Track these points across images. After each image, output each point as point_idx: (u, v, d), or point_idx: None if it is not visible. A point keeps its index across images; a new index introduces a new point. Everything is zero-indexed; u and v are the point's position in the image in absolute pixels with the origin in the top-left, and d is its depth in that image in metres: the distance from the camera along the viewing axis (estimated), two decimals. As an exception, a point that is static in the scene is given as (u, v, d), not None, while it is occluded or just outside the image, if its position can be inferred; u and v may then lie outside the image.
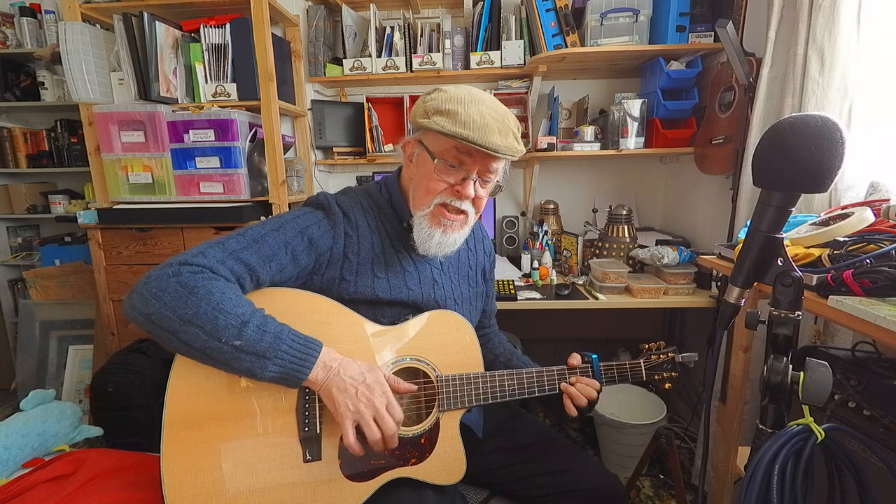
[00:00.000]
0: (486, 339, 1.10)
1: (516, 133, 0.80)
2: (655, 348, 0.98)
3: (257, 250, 0.75)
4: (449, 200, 0.82)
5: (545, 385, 0.91)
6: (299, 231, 0.80)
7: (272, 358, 0.67)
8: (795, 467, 0.55)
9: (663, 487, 1.59)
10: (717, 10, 1.65)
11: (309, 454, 0.75)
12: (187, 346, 0.66)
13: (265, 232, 0.78)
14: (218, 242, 0.75)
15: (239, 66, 1.60)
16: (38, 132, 2.21)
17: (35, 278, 1.95)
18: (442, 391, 0.85)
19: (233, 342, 0.66)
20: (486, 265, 1.06)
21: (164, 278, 0.67)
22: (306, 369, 0.70)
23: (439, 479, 0.83)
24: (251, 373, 0.67)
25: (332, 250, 0.82)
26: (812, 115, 0.53)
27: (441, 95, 0.79)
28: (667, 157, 2.05)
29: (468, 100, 0.77)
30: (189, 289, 0.66)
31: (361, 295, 0.83)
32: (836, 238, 0.83)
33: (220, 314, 0.65)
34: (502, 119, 0.78)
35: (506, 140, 0.76)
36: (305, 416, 0.76)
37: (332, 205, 0.85)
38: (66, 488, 0.86)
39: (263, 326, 0.68)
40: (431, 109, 0.78)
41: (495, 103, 0.80)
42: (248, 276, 0.74)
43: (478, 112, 0.76)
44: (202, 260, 0.70)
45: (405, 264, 0.88)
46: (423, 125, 0.78)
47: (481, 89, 0.84)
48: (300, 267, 0.80)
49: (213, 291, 0.67)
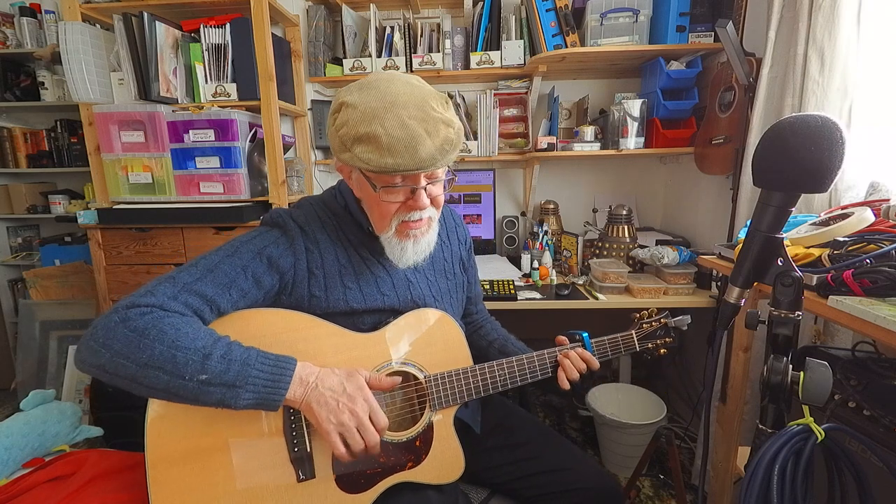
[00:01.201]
0: (478, 325, 1.09)
1: (446, 117, 0.72)
2: (647, 316, 0.98)
3: (212, 280, 0.72)
4: (407, 217, 0.78)
5: (537, 370, 0.91)
6: (256, 252, 0.77)
7: (243, 386, 0.64)
8: (795, 467, 0.55)
9: (663, 487, 1.59)
10: (717, 10, 1.64)
11: (302, 473, 0.74)
12: (150, 390, 0.64)
13: (219, 259, 0.74)
14: (168, 278, 0.71)
15: (239, 66, 1.60)
16: (38, 132, 2.21)
17: (35, 278, 1.95)
18: (432, 391, 0.84)
19: (198, 377, 0.62)
20: (462, 254, 1.03)
21: (110, 326, 0.63)
22: (282, 390, 0.67)
23: (438, 479, 0.83)
24: (224, 404, 0.64)
25: (296, 267, 0.79)
26: (812, 115, 0.53)
27: (352, 115, 0.69)
28: (667, 157, 2.04)
29: (382, 110, 0.68)
30: (139, 332, 0.63)
31: (335, 308, 0.81)
32: (836, 238, 0.83)
33: (177, 351, 0.62)
34: (425, 114, 0.69)
35: (437, 139, 0.70)
36: (293, 435, 0.74)
37: (286, 221, 0.81)
38: (67, 489, 0.86)
39: (228, 355, 0.65)
40: (348, 139, 0.70)
41: (412, 94, 0.70)
42: (206, 307, 0.70)
43: (398, 124, 0.67)
44: (151, 299, 0.66)
45: (375, 270, 0.86)
46: (348, 161, 0.71)
47: (398, 71, 0.74)
48: (265, 289, 0.77)
49: (166, 329, 0.63)
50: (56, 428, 1.13)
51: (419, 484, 0.82)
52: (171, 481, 0.69)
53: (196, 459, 0.70)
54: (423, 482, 0.82)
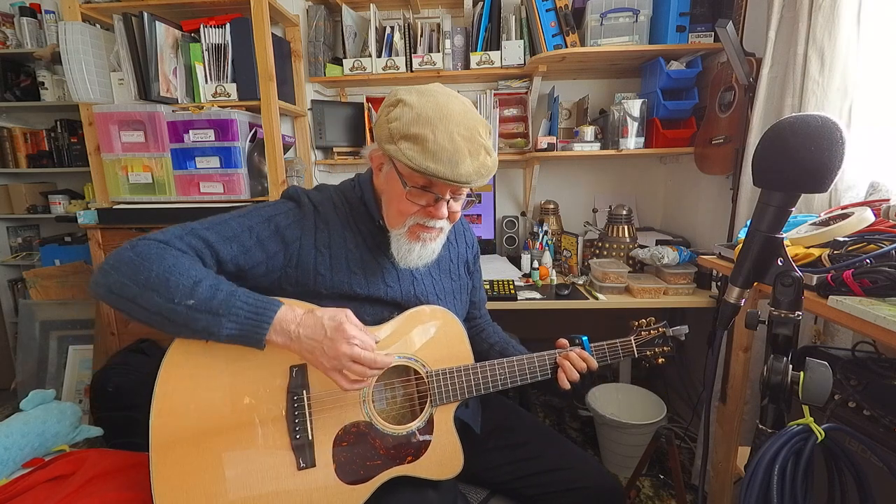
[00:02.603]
0: (480, 329, 1.10)
1: (488, 145, 0.77)
2: (646, 324, 0.99)
3: (218, 230, 0.77)
4: (423, 221, 0.80)
5: (537, 371, 0.91)
6: (266, 218, 0.81)
7: (226, 315, 0.68)
8: (795, 467, 0.55)
9: (663, 487, 1.59)
10: (717, 10, 1.64)
11: (302, 461, 0.75)
12: (146, 311, 0.68)
13: (229, 217, 0.80)
14: (180, 224, 0.77)
15: (239, 66, 1.60)
16: (38, 132, 2.21)
17: (35, 278, 1.94)
18: (433, 386, 0.85)
19: (185, 302, 0.67)
20: (468, 257, 1.04)
21: (121, 251, 0.71)
22: (265, 324, 0.69)
23: (437, 475, 0.83)
24: (209, 332, 0.68)
25: (302, 241, 0.82)
26: (812, 115, 0.53)
27: (406, 113, 0.73)
28: (667, 157, 2.04)
29: (436, 118, 0.72)
30: (143, 256, 0.69)
31: (338, 289, 0.82)
32: (836, 238, 0.83)
33: (171, 276, 0.67)
34: (472, 136, 0.74)
35: (476, 161, 0.73)
36: (295, 422, 0.75)
37: (301, 197, 0.85)
38: (66, 488, 0.86)
39: (216, 286, 0.69)
40: (397, 133, 0.72)
41: (465, 114, 0.75)
42: (206, 250, 0.75)
43: (447, 136, 0.71)
44: (159, 235, 0.74)
45: (381, 262, 0.87)
46: (390, 153, 0.74)
47: (455, 91, 0.79)
48: (267, 253, 0.79)
49: (166, 257, 0.69)
50: (56, 428, 1.13)
51: (418, 481, 0.82)
52: (173, 465, 0.70)
53: (198, 444, 0.71)
54: (422, 477, 0.82)
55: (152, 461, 0.69)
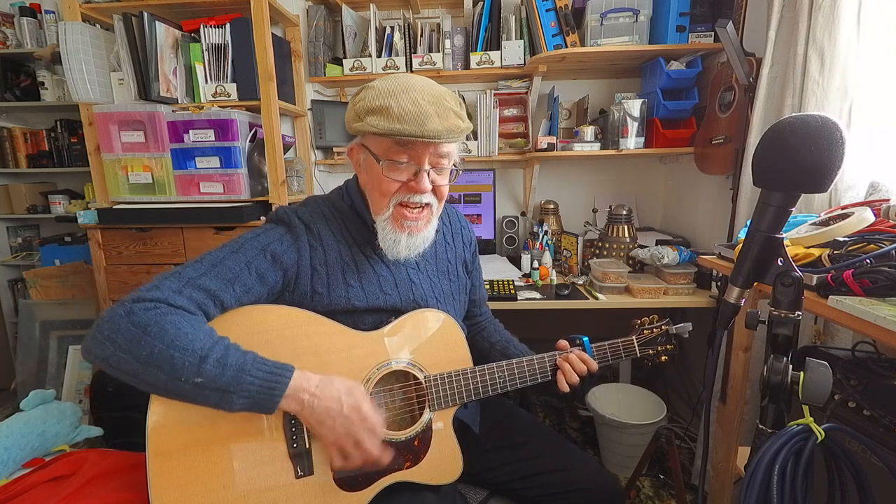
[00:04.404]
0: (481, 327, 1.09)
1: (458, 110, 0.77)
2: (648, 322, 0.98)
3: (216, 274, 0.72)
4: (406, 198, 0.79)
5: (537, 373, 0.91)
6: (261, 249, 0.78)
7: (237, 392, 0.65)
8: (795, 467, 0.55)
9: (663, 487, 1.59)
10: (717, 10, 1.64)
11: (300, 469, 0.74)
12: (151, 387, 0.65)
13: (224, 255, 0.75)
14: (174, 273, 0.72)
15: (239, 66, 1.60)
16: (38, 132, 2.21)
17: (35, 278, 1.95)
18: (431, 391, 0.84)
19: (193, 380, 0.63)
20: (466, 257, 1.03)
21: (115, 319, 0.64)
22: (276, 397, 0.67)
23: (436, 479, 0.83)
24: (220, 407, 0.66)
25: (299, 264, 0.80)
26: (812, 115, 0.53)
27: (369, 93, 0.76)
28: (667, 157, 2.04)
29: (398, 90, 0.74)
30: (142, 328, 0.63)
31: (337, 305, 0.81)
32: (836, 238, 0.83)
33: (175, 352, 0.63)
34: (438, 101, 0.74)
35: (446, 122, 0.73)
36: (293, 431, 0.75)
37: (291, 218, 0.83)
38: (66, 488, 0.86)
39: (224, 360, 0.65)
40: (363, 111, 0.75)
41: (429, 86, 0.77)
42: (210, 302, 0.71)
43: (410, 101, 0.72)
44: (156, 294, 0.67)
45: (378, 269, 0.86)
46: (358, 129, 0.76)
47: (425, 77, 0.80)
48: (269, 285, 0.78)
49: (167, 328, 0.64)
50: (56, 428, 1.13)
51: (416, 485, 0.82)
52: (170, 473, 0.69)
53: (196, 452, 0.70)
54: (420, 482, 0.82)
55: (149, 469, 0.68)
